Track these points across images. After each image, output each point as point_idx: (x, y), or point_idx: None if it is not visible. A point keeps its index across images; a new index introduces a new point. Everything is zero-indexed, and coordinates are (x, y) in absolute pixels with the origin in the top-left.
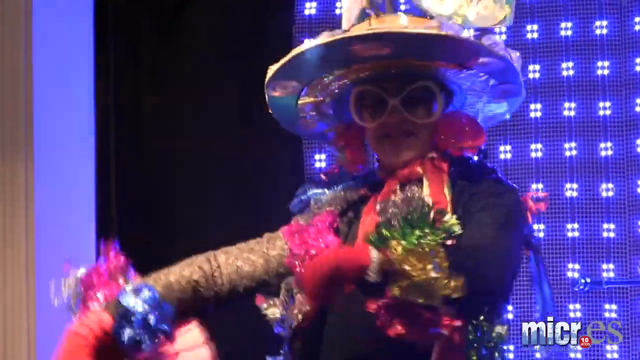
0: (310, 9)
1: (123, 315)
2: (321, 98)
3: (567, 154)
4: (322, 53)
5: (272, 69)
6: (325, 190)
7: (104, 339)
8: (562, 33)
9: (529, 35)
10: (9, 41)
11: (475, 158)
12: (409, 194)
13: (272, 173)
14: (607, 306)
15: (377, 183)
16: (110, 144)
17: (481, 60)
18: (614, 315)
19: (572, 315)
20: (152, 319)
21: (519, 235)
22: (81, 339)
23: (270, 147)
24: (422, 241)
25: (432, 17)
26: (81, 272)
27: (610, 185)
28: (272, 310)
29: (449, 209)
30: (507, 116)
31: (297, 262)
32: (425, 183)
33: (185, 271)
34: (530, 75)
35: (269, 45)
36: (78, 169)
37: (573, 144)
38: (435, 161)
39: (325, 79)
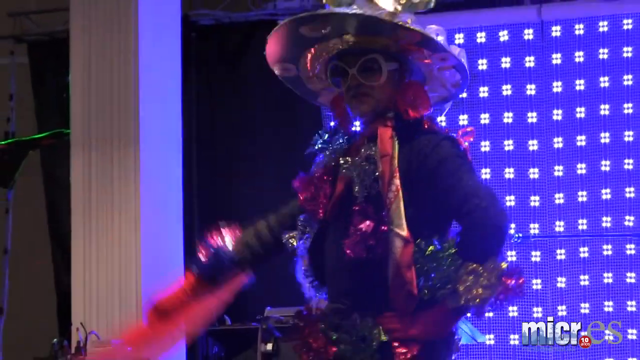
0: None
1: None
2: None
3: (507, 148)
4: (282, 35)
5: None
6: (328, 143)
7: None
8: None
9: (481, 95)
10: (122, 70)
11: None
12: (366, 152)
13: (306, 164)
14: (533, 252)
15: (358, 136)
16: (192, 139)
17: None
18: (538, 259)
19: (509, 259)
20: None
21: (475, 171)
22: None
23: (304, 146)
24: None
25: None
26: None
27: (536, 170)
28: (293, 240)
29: (394, 161)
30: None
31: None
32: (379, 138)
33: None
34: (483, 122)
35: None
36: (170, 154)
37: (510, 141)
38: (386, 120)
39: (310, 57)
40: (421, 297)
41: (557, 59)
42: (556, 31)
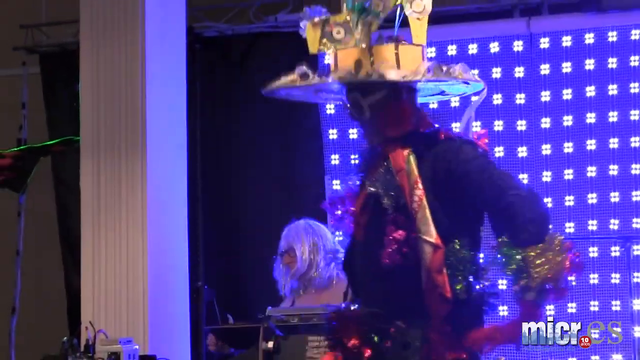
0: None
1: None
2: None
3: (497, 155)
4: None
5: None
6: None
7: None
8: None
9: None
10: (130, 79)
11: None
12: (385, 169)
13: (303, 170)
14: None
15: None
16: (196, 147)
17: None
18: None
19: None
20: None
21: (494, 163)
22: None
23: (302, 152)
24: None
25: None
26: None
27: (525, 175)
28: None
29: (411, 174)
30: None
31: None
32: (390, 156)
33: None
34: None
35: None
36: (175, 161)
37: (501, 147)
38: (396, 140)
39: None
40: (457, 298)
41: (545, 69)
42: (544, 43)
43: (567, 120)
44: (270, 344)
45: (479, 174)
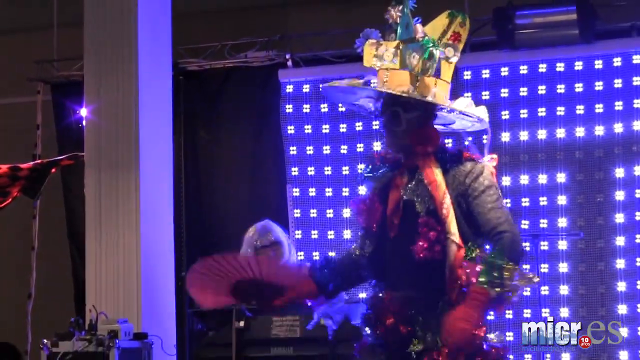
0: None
1: None
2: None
3: None
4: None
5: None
6: (373, 172)
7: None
8: None
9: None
10: (126, 106)
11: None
12: (416, 179)
13: (269, 179)
14: None
15: (399, 165)
16: (180, 162)
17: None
18: None
19: None
20: None
21: (498, 191)
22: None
23: (268, 165)
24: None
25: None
26: None
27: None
28: (357, 250)
29: (441, 185)
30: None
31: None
32: (421, 169)
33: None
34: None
35: (270, 113)
36: (163, 175)
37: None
38: (426, 155)
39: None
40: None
41: (468, 97)
42: (467, 75)
43: (485, 139)
44: (242, 323)
45: (490, 201)
